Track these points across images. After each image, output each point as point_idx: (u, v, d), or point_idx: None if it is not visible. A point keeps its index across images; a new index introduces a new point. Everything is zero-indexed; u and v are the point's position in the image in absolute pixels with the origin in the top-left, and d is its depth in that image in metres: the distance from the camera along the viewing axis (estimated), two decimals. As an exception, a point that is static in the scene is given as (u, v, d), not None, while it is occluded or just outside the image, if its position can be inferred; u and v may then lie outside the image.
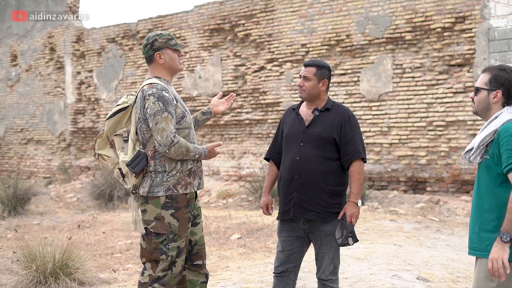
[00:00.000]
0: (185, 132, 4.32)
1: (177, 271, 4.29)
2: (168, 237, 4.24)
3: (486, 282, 3.43)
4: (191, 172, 4.31)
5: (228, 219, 10.90)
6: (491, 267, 3.30)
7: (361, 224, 9.77)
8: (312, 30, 13.86)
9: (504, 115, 3.49)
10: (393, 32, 12.69)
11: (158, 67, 4.39)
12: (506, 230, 3.28)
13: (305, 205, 4.53)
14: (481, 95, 3.59)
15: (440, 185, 12.18)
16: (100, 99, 18.62)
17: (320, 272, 4.69)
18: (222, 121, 15.57)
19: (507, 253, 3.28)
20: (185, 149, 4.20)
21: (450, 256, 7.72)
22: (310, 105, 4.71)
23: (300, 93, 4.67)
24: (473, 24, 11.72)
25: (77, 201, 15.62)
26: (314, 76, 4.63)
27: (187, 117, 4.35)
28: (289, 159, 4.63)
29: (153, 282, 4.27)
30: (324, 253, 4.63)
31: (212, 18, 15.76)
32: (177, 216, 4.24)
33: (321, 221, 4.54)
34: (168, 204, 4.23)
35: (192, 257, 4.47)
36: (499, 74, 3.54)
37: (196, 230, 4.47)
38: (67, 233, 10.39)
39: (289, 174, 4.59)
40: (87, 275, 6.76)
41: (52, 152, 20.05)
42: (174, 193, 4.22)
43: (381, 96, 12.92)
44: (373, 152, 12.99)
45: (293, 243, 4.70)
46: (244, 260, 7.90)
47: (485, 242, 3.43)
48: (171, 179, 4.24)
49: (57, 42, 19.79)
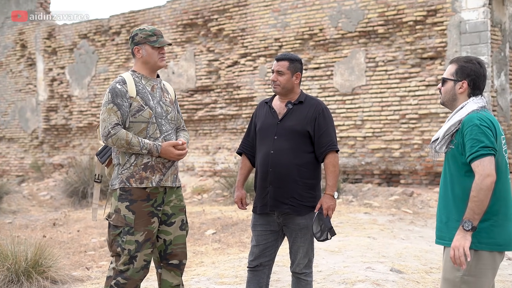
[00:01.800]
0: (141, 126, 4.28)
1: (139, 265, 4.24)
2: (123, 230, 4.23)
3: (453, 271, 3.46)
4: (147, 166, 4.27)
5: (203, 214, 10.87)
6: (453, 255, 3.33)
7: (335, 218, 9.80)
8: (285, 25, 13.85)
9: (469, 106, 3.52)
10: (365, 26, 12.73)
11: (138, 61, 4.43)
12: (468, 219, 3.31)
13: (280, 198, 4.53)
14: (447, 86, 3.62)
15: (414, 178, 12.26)
16: (73, 96, 18.46)
17: (294, 265, 4.69)
18: (196, 117, 15.52)
19: (468, 241, 3.30)
20: (125, 141, 4.17)
21: (423, 248, 7.78)
22: (283, 98, 4.69)
23: (274, 87, 4.65)
24: (444, 17, 11.79)
25: (50, 199, 15.49)
26: (287, 70, 4.61)
27: (146, 111, 4.29)
28: (263, 153, 4.62)
29: (117, 275, 4.26)
30: (298, 246, 4.63)
31: (185, 13, 15.69)
32: (133, 209, 4.22)
33: (296, 214, 4.54)
34: (122, 197, 4.24)
35: (167, 256, 4.42)
36: (465, 65, 3.57)
37: (170, 229, 4.39)
38: (40, 231, 10.31)
39: (264, 167, 4.58)
40: (60, 273, 6.69)
41: (25, 150, 19.85)
42: (126, 186, 4.24)
43: (354, 89, 12.96)
44: (347, 146, 13.04)
45: (267, 237, 4.69)
46: (218, 255, 7.89)
47: (452, 231, 3.45)
48: (125, 172, 4.26)
49: (28, 39, 19.58)
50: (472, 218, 3.30)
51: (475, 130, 3.36)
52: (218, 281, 6.34)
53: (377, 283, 5.87)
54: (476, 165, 3.33)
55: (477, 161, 3.32)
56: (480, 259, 3.41)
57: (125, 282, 4.24)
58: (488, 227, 3.41)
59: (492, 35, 11.54)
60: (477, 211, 3.29)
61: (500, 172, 3.43)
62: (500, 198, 3.44)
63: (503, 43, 12.05)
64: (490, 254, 3.43)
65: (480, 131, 3.35)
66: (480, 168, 3.31)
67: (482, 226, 3.38)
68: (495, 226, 3.42)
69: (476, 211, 3.29)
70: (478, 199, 3.28)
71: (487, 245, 3.41)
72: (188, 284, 6.19)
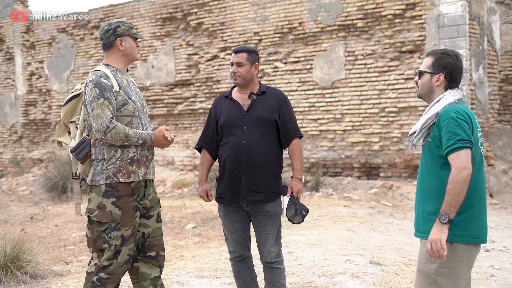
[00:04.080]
0: (126, 120, 4.26)
1: (123, 260, 4.25)
2: (110, 226, 4.21)
3: (427, 263, 3.48)
4: (133, 160, 4.26)
5: (183, 208, 10.86)
6: (430, 248, 3.35)
7: (315, 211, 9.84)
8: (265, 18, 13.85)
9: (446, 98, 3.53)
10: (345, 20, 12.76)
11: (114, 54, 4.37)
12: (445, 212, 3.33)
13: (253, 187, 4.61)
14: (424, 79, 3.64)
15: (393, 171, 12.33)
16: (52, 90, 18.34)
17: (265, 255, 4.76)
18: (176, 111, 15.48)
19: (445, 235, 3.32)
20: (124, 134, 4.15)
21: (402, 240, 7.83)
22: (244, 90, 4.80)
23: (235, 79, 4.75)
24: (423, 10, 11.85)
25: (29, 194, 15.39)
26: (246, 61, 4.74)
27: (130, 105, 4.28)
28: (233, 144, 4.66)
29: (99, 271, 4.24)
30: (267, 234, 4.71)
31: (164, 7, 15.63)
32: (119, 205, 4.20)
33: (266, 201, 4.64)
34: (108, 193, 4.20)
35: (145, 249, 4.43)
36: (442, 58, 3.58)
37: (149, 222, 4.42)
38: (19, 226, 10.24)
39: (236, 158, 4.64)
40: (39, 268, 6.66)
41: (4, 145, 19.70)
42: (114, 181, 4.20)
43: (334, 83, 12.99)
44: (327, 139, 13.08)
45: (242, 223, 4.79)
46: (199, 249, 7.89)
47: (428, 224, 3.47)
48: (111, 167, 4.21)
49: (6, 33, 19.41)
50: (449, 211, 3.31)
51: (452, 123, 3.38)
52: (199, 274, 6.34)
53: (356, 275, 5.90)
54: (452, 158, 3.34)
55: (453, 154, 3.34)
56: (455, 251, 3.43)
57: (108, 277, 4.24)
58: (464, 219, 3.43)
59: (471, 28, 11.62)
60: (454, 203, 3.30)
61: (475, 165, 3.45)
62: (475, 190, 3.46)
63: (481, 37, 12.14)
64: (465, 246, 3.45)
65: (456, 124, 3.37)
66: (456, 161, 3.32)
67: (457, 219, 3.40)
68: (470, 218, 3.44)
69: (452, 204, 3.31)
70: (454, 192, 3.30)
71: (463, 237, 3.43)
72: (168, 278, 6.20)
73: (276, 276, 4.76)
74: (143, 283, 4.42)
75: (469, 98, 11.59)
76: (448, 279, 3.44)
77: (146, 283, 4.41)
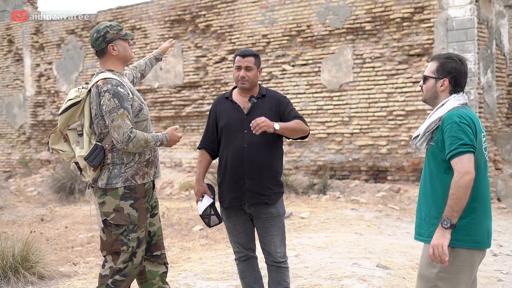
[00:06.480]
0: (143, 124, 4.30)
1: (138, 261, 4.29)
2: (128, 228, 4.24)
3: (428, 268, 3.48)
4: (148, 162, 4.32)
5: (190, 210, 10.88)
6: (432, 253, 3.34)
7: (322, 214, 9.84)
8: (273, 21, 13.86)
9: (450, 103, 3.53)
10: (353, 23, 12.76)
11: (111, 59, 4.35)
12: (447, 216, 3.31)
13: (258, 190, 4.61)
14: (429, 83, 3.64)
15: (401, 174, 12.32)
16: (60, 92, 18.40)
17: (272, 256, 4.77)
18: (184, 113, 15.51)
19: (447, 240, 3.31)
20: (144, 141, 4.18)
21: (409, 244, 7.82)
22: (246, 93, 4.78)
23: (243, 83, 4.70)
24: (431, 14, 11.84)
25: (37, 194, 15.45)
26: (254, 65, 4.73)
27: (144, 108, 4.33)
28: (234, 147, 4.66)
29: (114, 274, 4.26)
30: (272, 235, 4.71)
31: (172, 9, 15.67)
32: (136, 207, 4.24)
33: (270, 203, 4.65)
34: (126, 195, 4.22)
35: (151, 248, 4.48)
36: (446, 63, 3.58)
37: (154, 221, 4.48)
38: (27, 227, 10.28)
39: (238, 161, 4.63)
40: (47, 268, 6.69)
41: (12, 146, 19.76)
42: (132, 184, 4.23)
43: (342, 86, 12.99)
44: (334, 142, 13.07)
45: (244, 224, 4.79)
46: (206, 251, 7.91)
47: (430, 228, 3.47)
48: (129, 170, 4.23)
49: (15, 34, 19.49)
50: (451, 216, 3.30)
51: (455, 127, 3.37)
52: (205, 277, 6.36)
53: (363, 279, 5.90)
54: (455, 163, 3.33)
55: (456, 159, 3.33)
56: (457, 256, 3.42)
57: (123, 279, 4.27)
58: (466, 224, 3.42)
59: (479, 32, 11.60)
60: (456, 208, 3.29)
61: (479, 170, 3.44)
62: (478, 195, 3.45)
63: (490, 40, 12.12)
64: (467, 251, 3.44)
65: (459, 129, 3.36)
66: (458, 166, 3.31)
67: (460, 224, 3.39)
68: (473, 223, 3.43)
69: (454, 209, 3.29)
70: (456, 197, 3.28)
71: (465, 242, 3.42)
72: (175, 280, 6.21)
73: (283, 276, 4.80)
74: (152, 280, 4.46)
75: (477, 101, 11.57)
76: (448, 284, 3.44)
77: (155, 280, 4.47)
